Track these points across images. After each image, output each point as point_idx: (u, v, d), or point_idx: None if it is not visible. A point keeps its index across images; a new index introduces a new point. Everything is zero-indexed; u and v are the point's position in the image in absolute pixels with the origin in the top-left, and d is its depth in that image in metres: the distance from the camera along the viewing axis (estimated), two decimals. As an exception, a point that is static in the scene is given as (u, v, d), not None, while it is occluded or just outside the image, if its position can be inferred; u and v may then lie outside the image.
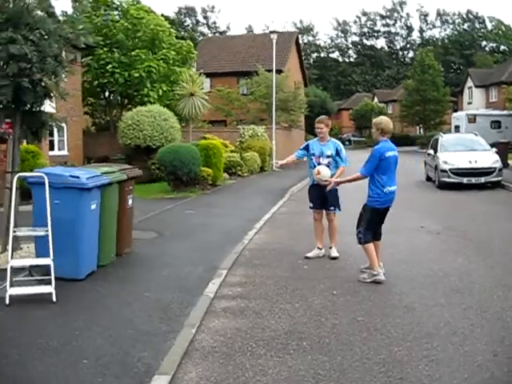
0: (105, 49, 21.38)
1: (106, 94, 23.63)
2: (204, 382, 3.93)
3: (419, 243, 8.63)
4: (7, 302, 5.36)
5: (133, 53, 21.56)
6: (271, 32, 24.25)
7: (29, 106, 7.49)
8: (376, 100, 60.40)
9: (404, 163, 26.94)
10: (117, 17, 22.53)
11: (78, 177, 5.98)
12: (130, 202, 7.62)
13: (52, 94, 7.71)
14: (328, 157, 7.64)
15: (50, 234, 5.69)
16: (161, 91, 21.87)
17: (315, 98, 54.21)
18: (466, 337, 4.64)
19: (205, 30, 66.78)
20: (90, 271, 6.41)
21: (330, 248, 7.76)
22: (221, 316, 5.35)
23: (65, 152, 19.61)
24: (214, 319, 5.25)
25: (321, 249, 7.76)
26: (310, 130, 57.25)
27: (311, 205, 7.91)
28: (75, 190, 5.98)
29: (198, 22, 67.55)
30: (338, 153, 7.68)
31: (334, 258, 7.60)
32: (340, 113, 65.70)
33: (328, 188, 7.14)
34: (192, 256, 7.80)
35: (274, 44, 23.65)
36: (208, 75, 33.47)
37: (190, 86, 20.88)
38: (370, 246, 6.47)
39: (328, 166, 7.53)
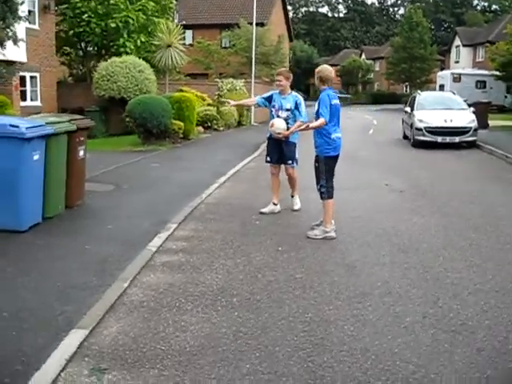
0: (80, -4, 20.57)
1: (83, 44, 22.91)
2: (122, 337, 3.84)
3: (379, 201, 8.55)
4: None
5: (111, 1, 20.79)
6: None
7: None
8: (364, 57, 59.53)
9: (386, 121, 27.09)
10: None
11: (17, 126, 5.75)
12: (82, 153, 7.41)
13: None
14: (287, 110, 7.49)
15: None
16: (138, 42, 21.24)
17: (301, 53, 53.49)
18: (400, 297, 4.58)
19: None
20: (33, 223, 6.25)
21: (292, 197, 7.78)
22: (158, 270, 5.25)
23: (38, 103, 19.11)
24: (150, 273, 5.15)
25: (276, 204, 7.66)
26: (295, 86, 56.94)
27: (268, 159, 7.78)
28: (15, 140, 5.76)
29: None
30: (297, 106, 7.51)
31: (296, 211, 7.60)
32: (327, 69, 64.60)
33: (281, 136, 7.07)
34: (145, 209, 7.68)
35: (255, -5, 23.00)
36: (190, 27, 32.63)
37: (167, 37, 20.29)
38: (332, 201, 6.42)
39: (286, 120, 7.41)
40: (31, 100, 18.82)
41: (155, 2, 21.96)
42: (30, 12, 18.12)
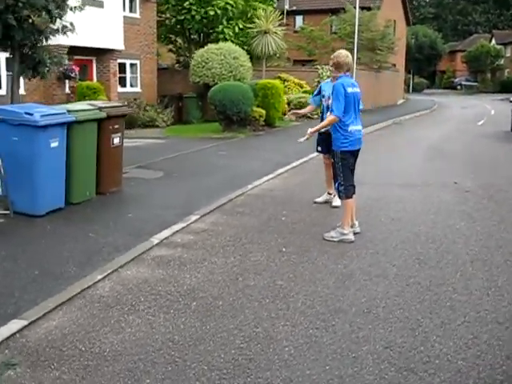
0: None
1: (186, 32, 23.48)
2: (55, 332, 3.73)
3: (434, 201, 7.75)
4: None
5: (212, -12, 21.05)
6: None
7: (27, 42, 7.40)
8: (494, 42, 54.95)
9: (505, 112, 24.73)
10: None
11: (31, 114, 5.89)
12: (116, 140, 7.48)
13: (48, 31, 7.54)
14: (329, 98, 6.98)
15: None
16: (236, 28, 21.32)
17: (425, 38, 50.65)
18: (375, 319, 3.99)
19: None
20: (52, 208, 6.42)
21: (330, 194, 7.44)
22: (144, 265, 5.11)
23: (137, 89, 19.91)
24: (133, 268, 5.02)
25: (330, 194, 7.40)
26: (418, 73, 53.80)
27: (319, 149, 7.52)
28: (30, 128, 5.91)
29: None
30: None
31: (335, 207, 7.18)
32: (454, 55, 60.79)
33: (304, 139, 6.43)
34: (179, 199, 7.60)
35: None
36: (301, 12, 32.27)
37: (264, 23, 20.12)
38: (351, 202, 5.93)
39: (328, 109, 6.88)
40: (131, 86, 19.64)
41: (256, -12, 21.87)
42: (131, 1, 18.88)
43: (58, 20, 7.71)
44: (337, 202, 7.19)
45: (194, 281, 4.72)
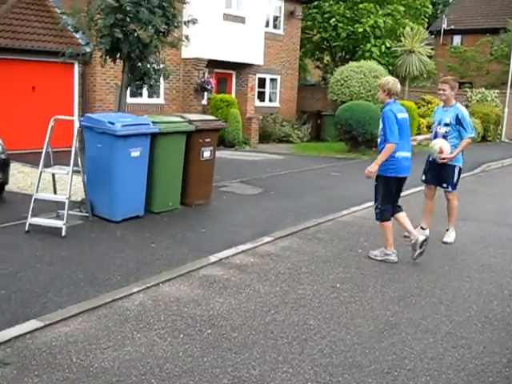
0: (330, 1, 21.00)
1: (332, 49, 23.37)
2: (61, 338, 3.77)
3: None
4: (26, 229, 5.96)
5: (360, 6, 20.73)
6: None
7: (133, 55, 7.82)
8: None
9: None
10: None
11: (113, 123, 6.17)
12: (207, 154, 7.57)
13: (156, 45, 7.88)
14: (446, 125, 6.55)
15: (79, 174, 6.06)
16: (383, 47, 20.70)
17: None
18: (392, 382, 3.52)
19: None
20: (130, 215, 6.66)
21: (447, 230, 6.89)
22: (187, 283, 5.02)
23: (276, 104, 20.21)
24: (175, 284, 4.96)
25: (424, 229, 6.90)
26: None
27: (423, 177, 7.03)
28: (111, 136, 6.20)
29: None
30: (459, 121, 6.47)
31: (446, 243, 6.71)
32: None
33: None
34: (263, 217, 7.49)
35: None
36: (459, 32, 30.42)
37: (409, 42, 19.29)
38: (388, 224, 5.91)
39: (445, 137, 6.53)
40: (269, 101, 19.98)
41: (407, 6, 21.07)
42: (275, 17, 19.25)
43: (172, 33, 8.00)
44: (449, 238, 6.80)
45: (224, 307, 4.53)
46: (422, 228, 6.93)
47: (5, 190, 7.70)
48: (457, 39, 30.27)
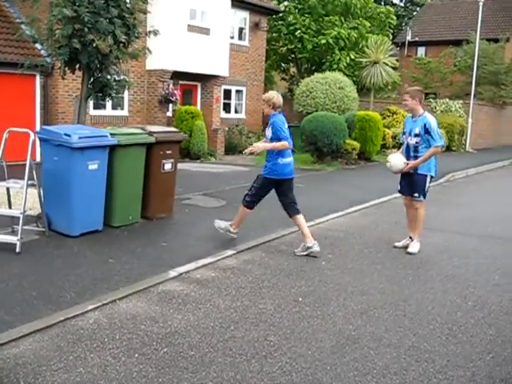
0: (296, 14, 21.17)
1: (298, 61, 23.55)
2: (9, 361, 3.58)
3: (510, 261, 6.75)
4: (-26, 246, 5.72)
5: (326, 18, 20.94)
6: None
7: (92, 66, 7.64)
8: None
9: None
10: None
11: (69, 135, 5.99)
12: (168, 166, 7.43)
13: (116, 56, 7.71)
14: (416, 135, 6.55)
15: (35, 187, 5.86)
16: (348, 59, 20.92)
17: None
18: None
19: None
20: (88, 230, 6.46)
21: (410, 239, 6.89)
22: (144, 299, 4.87)
23: (241, 115, 20.15)
24: (132, 301, 4.80)
25: (411, 238, 6.90)
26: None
27: (398, 187, 7.06)
28: (68, 149, 6.01)
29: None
30: (427, 130, 6.45)
31: (409, 254, 6.68)
32: None
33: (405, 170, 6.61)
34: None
35: (480, 7, 20.66)
36: (423, 43, 31.04)
37: (373, 54, 19.54)
38: (246, 211, 6.68)
39: (416, 147, 6.55)
40: (235, 112, 19.92)
41: (372, 18, 21.38)
42: (240, 29, 19.27)
43: (132, 44, 7.85)
44: (412, 248, 6.77)
45: (182, 323, 4.39)
46: (410, 238, 6.92)
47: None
48: (421, 50, 30.87)
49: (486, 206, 10.58)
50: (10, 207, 6.39)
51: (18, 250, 5.65)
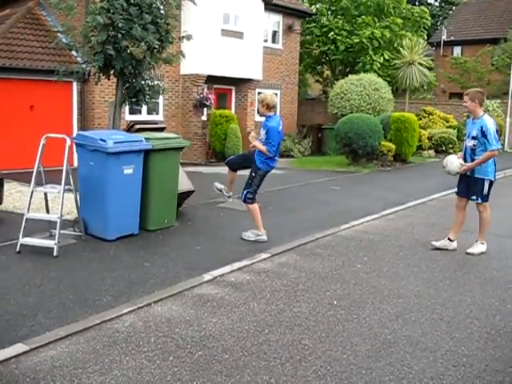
0: (329, 16, 21.06)
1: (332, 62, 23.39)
2: (46, 363, 3.65)
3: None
4: (17, 249, 5.85)
5: (359, 19, 20.77)
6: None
7: (126, 72, 7.74)
8: None
9: None
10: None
11: (104, 140, 6.09)
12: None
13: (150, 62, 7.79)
14: (473, 138, 6.47)
15: (71, 192, 5.97)
16: (382, 59, 20.67)
17: None
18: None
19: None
20: (124, 234, 6.54)
21: (450, 240, 6.83)
22: (179, 302, 4.90)
23: (276, 118, 20.09)
24: (167, 304, 4.83)
25: (452, 240, 6.82)
26: None
27: (456, 189, 6.98)
28: (103, 154, 6.11)
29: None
30: (483, 133, 6.35)
31: (469, 254, 6.64)
32: None
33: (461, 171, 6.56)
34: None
35: None
36: (459, 43, 30.45)
37: (408, 54, 19.26)
38: (257, 207, 6.94)
39: (473, 150, 6.46)
40: (269, 115, 19.87)
41: (406, 18, 21.08)
42: (274, 32, 19.27)
43: (166, 49, 7.94)
44: (473, 249, 6.71)
45: (217, 327, 4.40)
46: (449, 239, 6.83)
47: (-1, 209, 7.62)
48: (457, 50, 30.28)
49: None
50: (47, 212, 6.53)
51: (55, 253, 5.77)
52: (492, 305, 5.03)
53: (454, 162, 6.67)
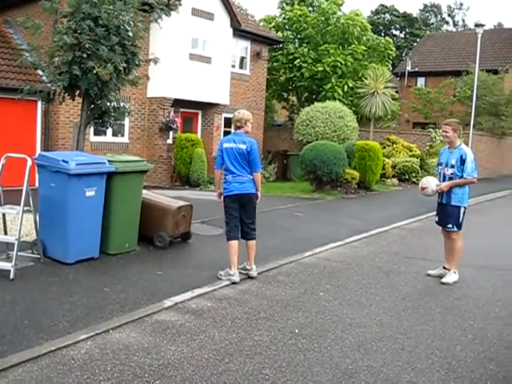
0: (295, 44, 21.44)
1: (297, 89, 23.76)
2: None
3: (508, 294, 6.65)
4: (-33, 272, 5.65)
5: (321, 47, 21.19)
6: (476, 25, 21.24)
7: (92, 93, 7.64)
8: None
9: None
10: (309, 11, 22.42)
11: (67, 162, 5.97)
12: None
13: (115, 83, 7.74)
14: (452, 166, 6.63)
15: (27, 213, 5.81)
16: (346, 87, 21.09)
17: None
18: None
19: (450, 27, 61.98)
20: (84, 257, 6.39)
21: (445, 269, 6.96)
22: (138, 329, 4.77)
23: (242, 143, 20.17)
24: (126, 331, 4.71)
25: (447, 269, 6.95)
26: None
27: (436, 219, 7.10)
28: (65, 175, 5.99)
29: (443, 19, 63.09)
30: (463, 162, 6.53)
31: (444, 284, 6.72)
32: None
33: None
34: (224, 260, 7.17)
35: (479, 39, 20.90)
36: (422, 74, 31.37)
37: (372, 84, 19.70)
38: (233, 244, 6.36)
39: (451, 179, 6.64)
40: (236, 140, 19.94)
41: (371, 49, 21.60)
42: (242, 58, 19.47)
43: (132, 72, 7.89)
44: (447, 278, 6.80)
45: (176, 355, 4.30)
46: (444, 268, 6.97)
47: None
48: (421, 81, 31.19)
49: (484, 237, 10.49)
50: (5, 233, 6.34)
51: (11, 276, 5.59)
52: (453, 334, 5.07)
53: (432, 181, 6.83)
